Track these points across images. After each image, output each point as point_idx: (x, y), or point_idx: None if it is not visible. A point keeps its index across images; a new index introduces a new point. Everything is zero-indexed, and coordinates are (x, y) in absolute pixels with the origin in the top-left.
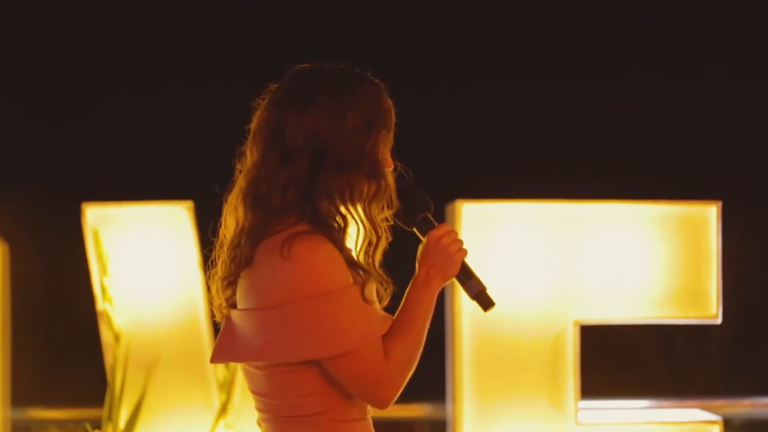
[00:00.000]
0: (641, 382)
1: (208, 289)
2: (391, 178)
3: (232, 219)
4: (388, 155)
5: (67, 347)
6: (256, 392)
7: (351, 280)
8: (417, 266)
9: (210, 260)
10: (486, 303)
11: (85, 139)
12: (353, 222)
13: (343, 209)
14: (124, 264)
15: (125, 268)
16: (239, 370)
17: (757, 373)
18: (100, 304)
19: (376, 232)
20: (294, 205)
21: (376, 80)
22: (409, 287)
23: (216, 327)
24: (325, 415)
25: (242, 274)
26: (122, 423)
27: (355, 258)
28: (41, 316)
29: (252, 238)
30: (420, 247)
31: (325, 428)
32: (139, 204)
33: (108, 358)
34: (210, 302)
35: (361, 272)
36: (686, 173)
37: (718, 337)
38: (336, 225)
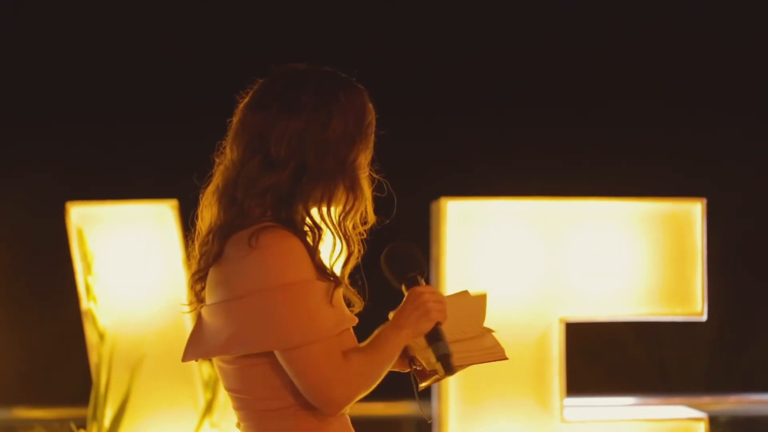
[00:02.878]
0: (627, 379)
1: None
2: (368, 191)
3: (207, 214)
4: (366, 164)
5: (52, 347)
6: (229, 389)
7: (315, 276)
8: (395, 314)
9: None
10: (448, 368)
11: (69, 137)
12: (328, 233)
13: (318, 219)
14: (109, 263)
15: (110, 267)
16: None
17: (742, 370)
18: (85, 303)
19: (349, 245)
20: (269, 208)
21: (360, 87)
22: (381, 327)
23: None
24: (299, 408)
25: (211, 270)
26: (107, 422)
27: (328, 266)
28: (25, 315)
29: (221, 234)
30: (402, 303)
31: (300, 421)
32: (123, 203)
33: (93, 358)
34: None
35: (331, 278)
36: (671, 170)
37: (703, 334)
38: (309, 232)
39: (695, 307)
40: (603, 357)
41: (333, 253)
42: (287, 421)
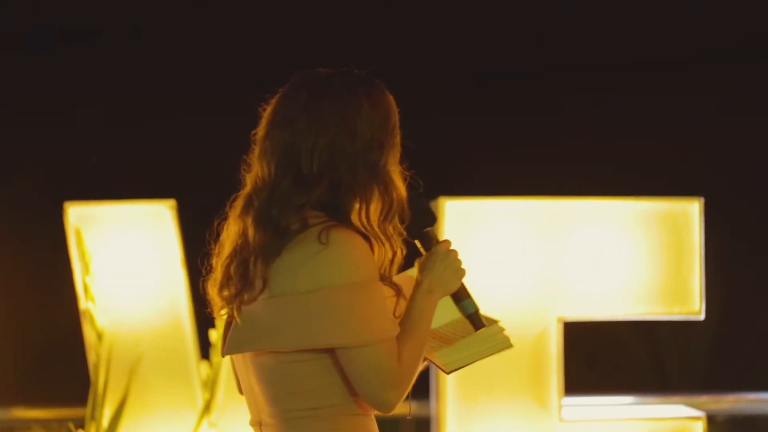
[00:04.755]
0: (625, 378)
1: (205, 292)
2: (402, 191)
3: (235, 227)
4: (396, 162)
5: (50, 347)
6: (266, 385)
7: (378, 276)
8: (419, 276)
9: (205, 262)
10: (478, 324)
11: (67, 137)
12: (373, 239)
13: (360, 227)
14: (107, 263)
15: (108, 267)
16: (223, 369)
17: (740, 368)
18: (83, 303)
19: (392, 247)
20: (315, 218)
21: (380, 84)
22: (411, 297)
23: (199, 325)
24: (336, 408)
25: (269, 265)
26: (105, 422)
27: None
28: (24, 316)
29: (265, 257)
30: (421, 259)
31: (335, 422)
32: (121, 203)
33: (91, 358)
34: (210, 306)
35: (386, 281)
36: (669, 170)
37: (701, 333)
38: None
39: (693, 306)
40: (601, 356)
41: (378, 256)
42: (322, 422)
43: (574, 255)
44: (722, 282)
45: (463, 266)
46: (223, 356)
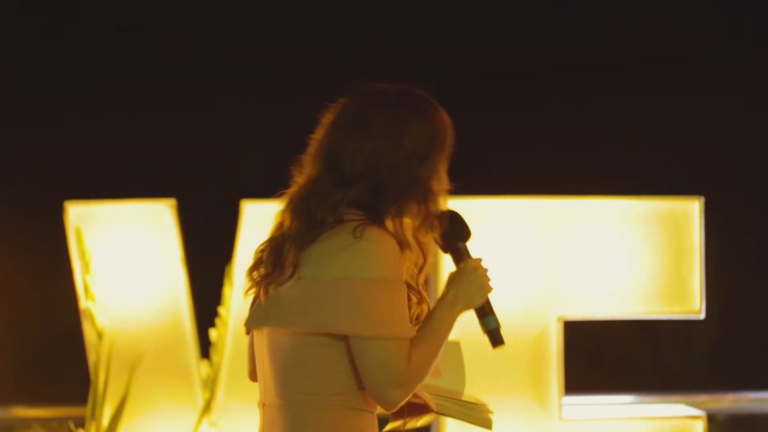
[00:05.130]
0: (625, 377)
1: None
2: (441, 205)
3: (277, 220)
4: (444, 178)
5: (50, 346)
6: (278, 366)
7: (403, 279)
8: (445, 288)
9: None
10: (497, 341)
11: (67, 136)
12: (405, 245)
13: (393, 232)
14: (107, 262)
15: (108, 267)
16: (223, 368)
17: (740, 367)
18: (83, 303)
19: (424, 254)
20: (349, 215)
21: (435, 103)
22: (434, 306)
23: (199, 324)
24: (341, 398)
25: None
26: (106, 421)
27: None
28: (24, 315)
29: (298, 244)
30: (450, 273)
31: (336, 411)
32: (121, 202)
33: (91, 357)
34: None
35: (412, 288)
36: (669, 169)
37: (701, 332)
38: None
39: (693, 306)
40: (601, 355)
41: (410, 264)
42: (321, 410)
43: (575, 254)
44: (722, 281)
45: (490, 283)
46: (247, 332)
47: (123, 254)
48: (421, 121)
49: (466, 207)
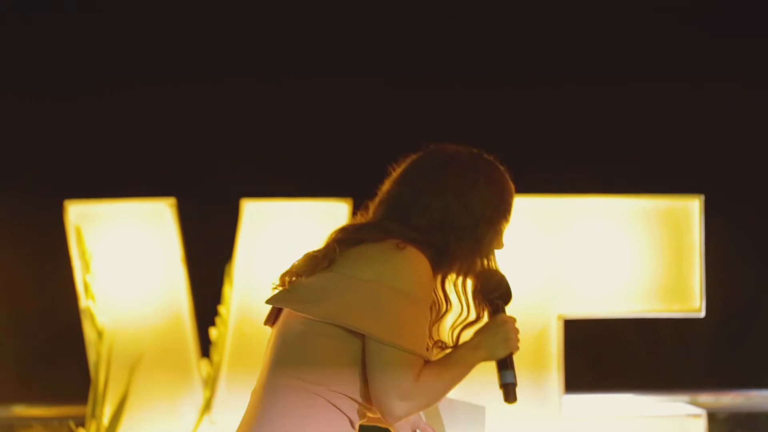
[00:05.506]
0: (626, 376)
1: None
2: (494, 266)
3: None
4: (502, 239)
5: (51, 345)
6: (282, 347)
7: (429, 303)
8: (474, 335)
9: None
10: (509, 397)
11: (66, 135)
12: (460, 303)
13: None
14: (107, 261)
15: (108, 266)
16: (224, 366)
17: (741, 366)
18: (83, 302)
19: (478, 313)
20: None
21: (501, 168)
22: (459, 347)
23: (199, 323)
24: (327, 390)
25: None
26: (106, 420)
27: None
28: (24, 314)
29: (342, 245)
30: (482, 325)
31: (317, 404)
32: (121, 201)
33: (91, 356)
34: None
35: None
36: (669, 167)
37: (702, 330)
38: (439, 301)
39: (693, 304)
40: (601, 354)
41: (459, 319)
42: (308, 396)
43: (575, 252)
44: (723, 279)
45: (516, 341)
46: (265, 321)
47: (123, 253)
48: (490, 185)
49: None
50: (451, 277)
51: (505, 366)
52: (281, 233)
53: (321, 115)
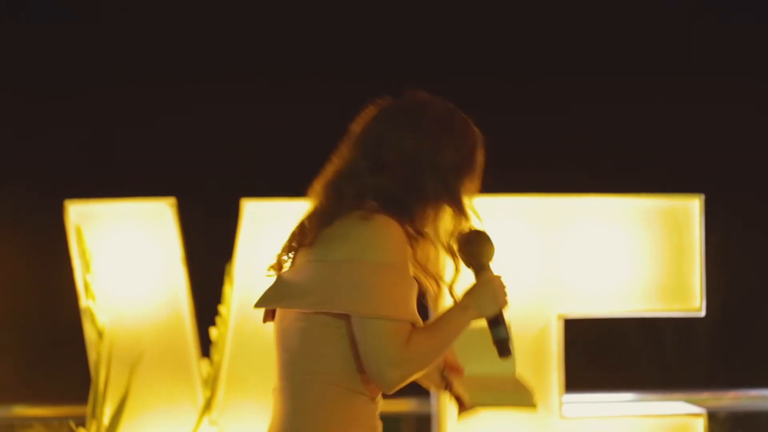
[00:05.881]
0: (625, 375)
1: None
2: (471, 219)
3: (312, 202)
4: (472, 190)
5: (51, 345)
6: (285, 349)
7: (408, 265)
8: (462, 294)
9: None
10: (504, 351)
11: (67, 135)
12: (438, 246)
13: (433, 237)
14: (107, 261)
15: (108, 265)
16: (224, 366)
17: (741, 365)
18: (84, 301)
19: (456, 263)
20: (373, 203)
21: (471, 122)
22: (448, 308)
23: (200, 323)
24: (341, 377)
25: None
26: (106, 420)
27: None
28: (24, 314)
29: (321, 221)
30: (469, 285)
31: (336, 394)
32: (122, 201)
33: (92, 355)
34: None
35: (426, 276)
36: (669, 166)
37: (702, 330)
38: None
39: (693, 303)
40: (601, 353)
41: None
42: (327, 388)
43: (575, 252)
44: (723, 279)
45: (505, 298)
46: (254, 307)
47: (123, 253)
48: (461, 136)
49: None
50: (431, 229)
51: (497, 323)
52: (281, 233)
53: (321, 114)
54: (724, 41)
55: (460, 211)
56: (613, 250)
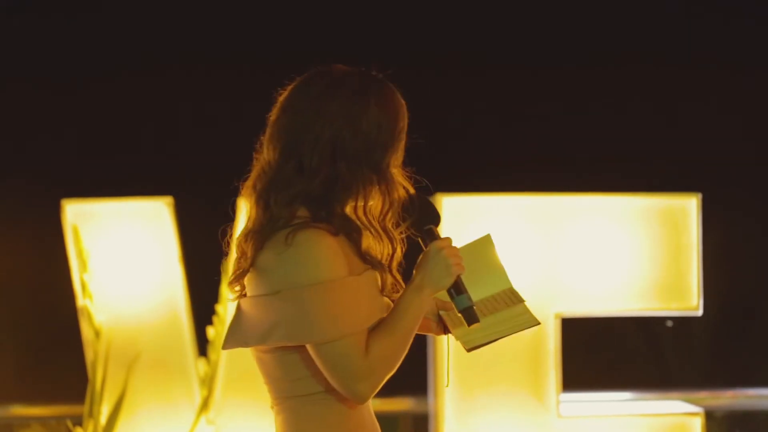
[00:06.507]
0: (623, 374)
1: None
2: (403, 191)
3: (244, 207)
4: (399, 166)
5: (48, 344)
6: (267, 377)
7: (347, 272)
8: (414, 272)
9: (227, 242)
10: (471, 319)
11: (63, 134)
12: (371, 232)
13: (357, 219)
14: (104, 260)
15: (105, 264)
16: (221, 365)
17: (738, 364)
18: (81, 301)
19: (392, 243)
20: (302, 211)
21: (392, 87)
22: (402, 291)
23: (197, 322)
24: (328, 394)
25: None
26: (103, 419)
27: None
28: (21, 313)
29: (255, 240)
30: (420, 256)
31: (331, 406)
32: (118, 200)
33: (89, 355)
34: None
35: (374, 265)
36: (666, 165)
37: (699, 328)
38: (351, 227)
39: (691, 302)
40: (599, 352)
41: (377, 252)
42: (318, 406)
43: (572, 251)
44: (720, 278)
45: (457, 263)
46: (222, 349)
47: (120, 252)
48: (380, 106)
49: (464, 204)
50: (356, 212)
51: (458, 292)
52: None
53: None
54: (724, 40)
55: (391, 186)
56: (611, 249)
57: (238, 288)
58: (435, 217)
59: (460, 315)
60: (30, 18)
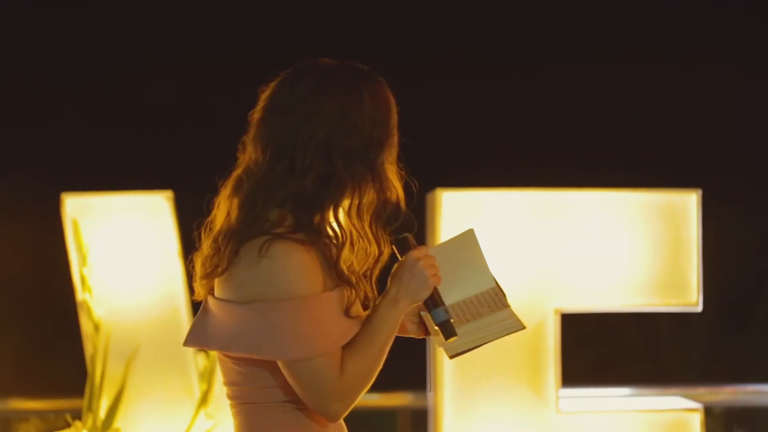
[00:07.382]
0: (622, 370)
1: (192, 265)
2: (399, 191)
3: (224, 207)
4: (393, 164)
5: (47, 338)
6: (228, 380)
7: (322, 288)
8: (389, 283)
9: (198, 236)
10: (448, 333)
11: (63, 128)
12: (359, 236)
13: (345, 223)
14: (104, 254)
15: (105, 258)
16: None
17: (737, 360)
18: (80, 295)
19: (379, 246)
20: (289, 216)
21: (382, 81)
22: (377, 304)
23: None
24: (291, 404)
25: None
26: (102, 413)
27: (349, 270)
28: (21, 307)
29: (236, 240)
30: (395, 266)
31: (288, 416)
32: (118, 193)
33: (88, 349)
34: (192, 279)
35: (351, 282)
36: (666, 161)
37: (699, 324)
38: (333, 236)
39: (691, 298)
40: (598, 348)
41: (362, 255)
42: (282, 415)
43: (572, 246)
44: (720, 274)
45: (434, 274)
46: (183, 345)
47: (120, 246)
48: (374, 102)
49: (463, 200)
50: (350, 211)
51: (434, 305)
52: None
53: None
54: (724, 39)
55: (385, 184)
56: (610, 244)
57: (205, 283)
58: (410, 225)
59: (436, 328)
60: (30, 18)
